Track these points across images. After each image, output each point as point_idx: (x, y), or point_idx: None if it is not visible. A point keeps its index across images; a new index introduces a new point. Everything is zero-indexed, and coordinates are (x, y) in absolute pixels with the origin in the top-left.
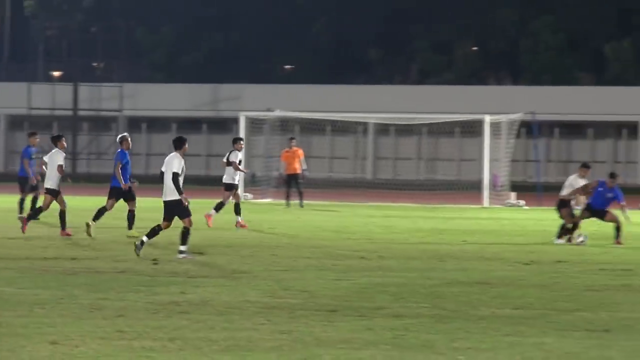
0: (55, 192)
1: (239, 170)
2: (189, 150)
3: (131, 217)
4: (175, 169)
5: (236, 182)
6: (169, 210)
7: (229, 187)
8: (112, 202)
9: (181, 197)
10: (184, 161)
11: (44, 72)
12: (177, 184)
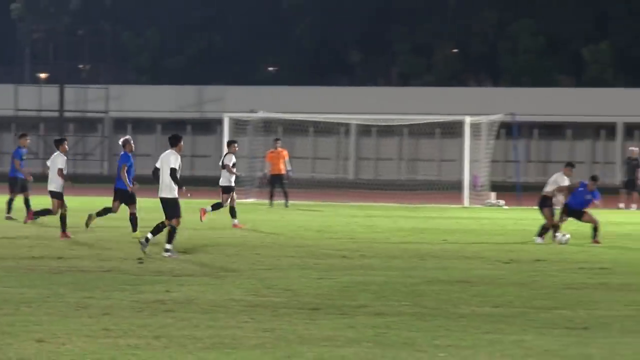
0: (59, 195)
1: (232, 173)
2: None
3: (133, 220)
4: (172, 165)
5: (233, 184)
6: (172, 206)
7: (226, 190)
8: (118, 204)
9: (182, 190)
10: (180, 158)
11: (31, 74)
12: (176, 178)
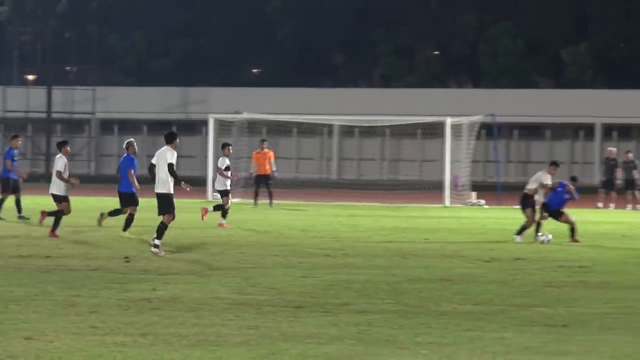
0: (62, 198)
1: (224, 176)
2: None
3: (129, 220)
4: (169, 160)
5: (229, 187)
6: (165, 202)
7: (224, 194)
8: (126, 208)
9: (182, 184)
10: (176, 154)
11: (19, 76)
12: (174, 173)
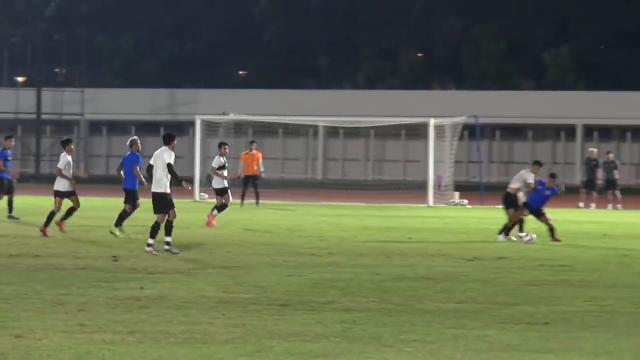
0: (61, 193)
1: (217, 175)
2: (148, 151)
3: (123, 217)
4: (167, 161)
5: (226, 185)
6: (159, 201)
7: (220, 192)
8: (130, 206)
9: (183, 183)
10: (173, 154)
11: (9, 78)
12: (174, 173)
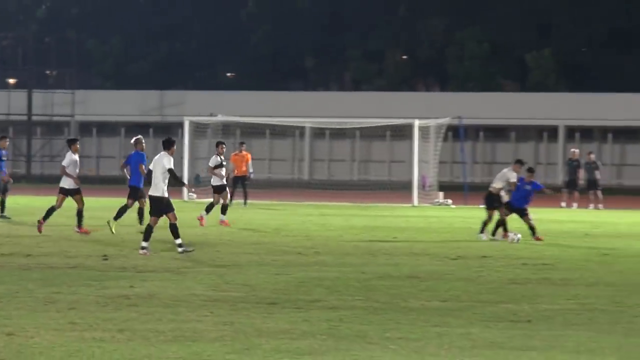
0: (65, 190)
1: (213, 174)
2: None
3: (122, 211)
4: (168, 166)
5: (224, 183)
6: (156, 205)
7: (218, 189)
8: (132, 201)
9: (185, 186)
10: (172, 159)
11: (0, 80)
12: (177, 177)
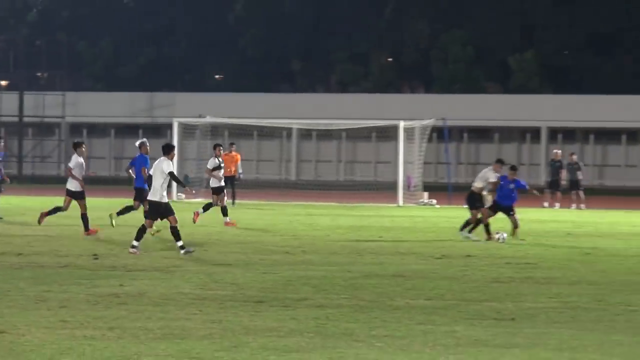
0: (71, 193)
1: (211, 176)
2: (127, 153)
3: (127, 209)
4: (168, 170)
5: (222, 184)
6: (153, 209)
7: (216, 191)
8: (138, 203)
9: (185, 188)
10: (171, 163)
11: None
12: (177, 179)
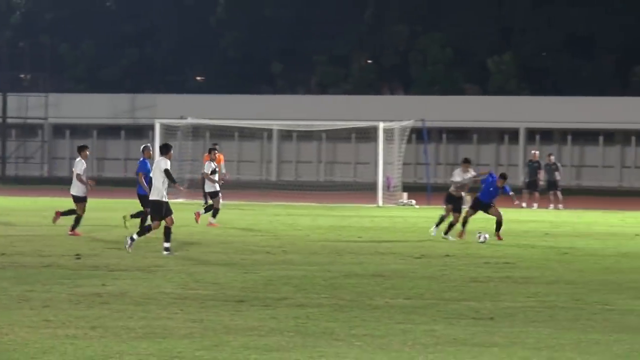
0: (81, 199)
1: (209, 179)
2: (109, 154)
3: (141, 214)
4: (164, 167)
5: (218, 189)
6: (155, 208)
7: (213, 195)
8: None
9: (174, 185)
10: (169, 162)
11: None
12: (170, 176)
